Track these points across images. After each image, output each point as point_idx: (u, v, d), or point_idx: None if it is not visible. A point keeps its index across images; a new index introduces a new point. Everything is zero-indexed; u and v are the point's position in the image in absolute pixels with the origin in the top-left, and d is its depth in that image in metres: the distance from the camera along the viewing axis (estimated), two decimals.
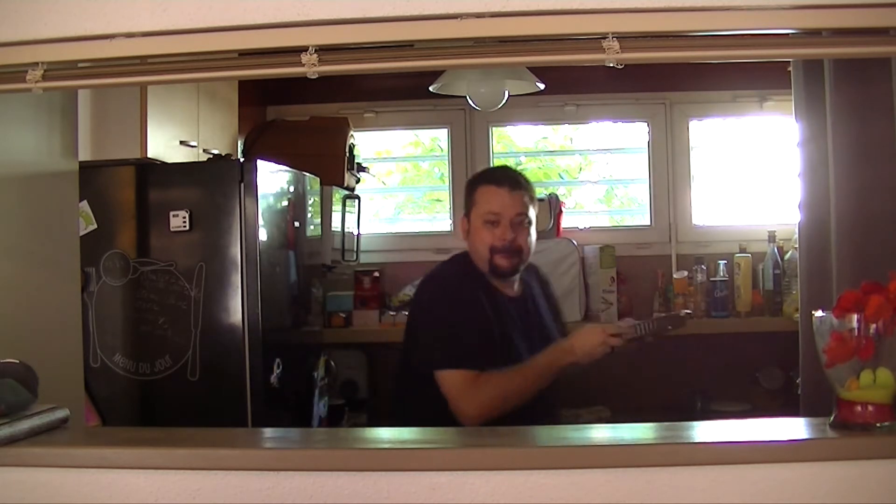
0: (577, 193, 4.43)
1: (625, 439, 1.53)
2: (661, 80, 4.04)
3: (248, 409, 2.85)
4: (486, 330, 2.47)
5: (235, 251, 2.87)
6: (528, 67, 3.40)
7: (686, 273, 3.96)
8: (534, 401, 2.38)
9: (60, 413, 1.78)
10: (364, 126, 4.28)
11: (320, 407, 3.43)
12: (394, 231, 4.42)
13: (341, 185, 3.93)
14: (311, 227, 3.49)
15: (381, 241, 4.32)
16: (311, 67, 1.65)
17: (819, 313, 1.59)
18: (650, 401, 3.74)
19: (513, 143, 4.48)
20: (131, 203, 2.94)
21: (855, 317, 1.53)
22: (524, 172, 2.92)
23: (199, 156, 3.26)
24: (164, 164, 2.99)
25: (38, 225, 2.22)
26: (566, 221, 4.08)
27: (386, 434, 1.90)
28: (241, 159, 3.66)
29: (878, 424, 1.53)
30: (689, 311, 2.26)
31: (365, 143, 4.31)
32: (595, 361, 2.44)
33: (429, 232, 4.38)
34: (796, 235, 3.41)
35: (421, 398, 2.46)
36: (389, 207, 4.54)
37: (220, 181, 2.92)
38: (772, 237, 3.89)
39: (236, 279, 2.87)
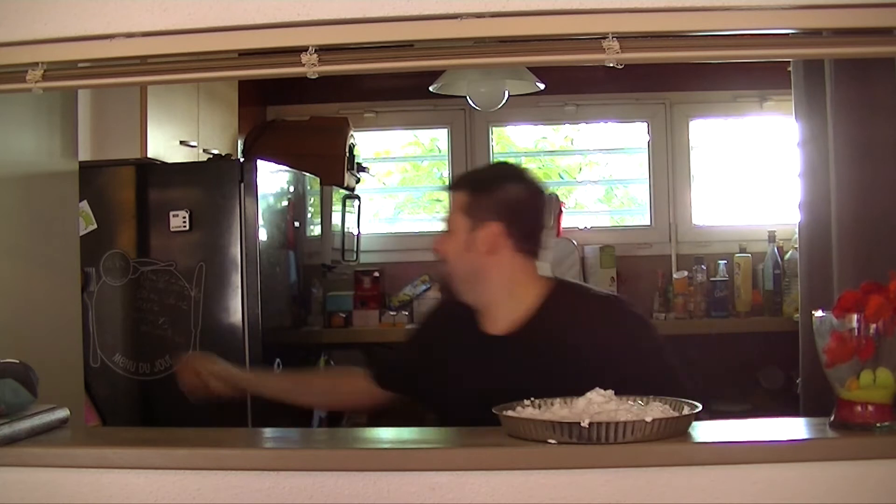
0: (577, 193, 4.43)
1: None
2: (661, 80, 4.04)
3: (248, 409, 2.85)
4: (417, 359, 2.13)
5: (235, 251, 2.87)
6: (528, 67, 3.40)
7: (686, 273, 3.96)
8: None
9: (60, 413, 1.78)
10: (364, 126, 4.28)
11: None
12: (394, 231, 4.42)
13: (341, 185, 3.93)
14: (311, 227, 3.49)
15: (381, 241, 4.32)
16: (311, 67, 1.65)
17: (819, 313, 1.59)
18: None
19: (513, 143, 4.48)
20: (131, 203, 2.94)
21: (855, 317, 1.53)
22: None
23: (199, 156, 3.26)
24: (164, 164, 2.99)
25: (38, 225, 2.22)
26: (566, 221, 4.08)
27: (386, 434, 1.91)
28: (241, 159, 3.66)
29: (878, 424, 1.53)
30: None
31: (365, 143, 4.31)
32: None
33: (429, 232, 4.37)
34: (796, 235, 3.42)
35: None
36: (389, 207, 4.54)
37: (220, 181, 2.92)
38: (772, 237, 3.90)
39: (236, 279, 2.87)
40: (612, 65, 1.62)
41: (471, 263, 2.00)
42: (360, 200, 4.09)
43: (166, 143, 3.04)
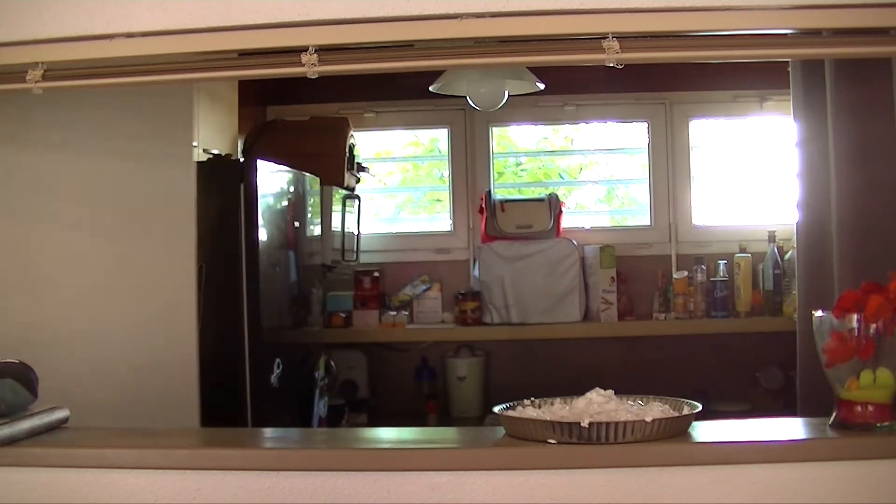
0: (577, 193, 4.43)
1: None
2: (661, 80, 4.03)
3: (248, 409, 2.85)
4: None
5: (235, 251, 2.87)
6: (528, 67, 3.40)
7: (686, 273, 3.96)
8: None
9: (60, 413, 1.78)
10: (364, 126, 4.28)
11: (320, 407, 3.43)
12: (394, 231, 4.42)
13: (341, 185, 3.93)
14: (311, 227, 3.48)
15: (381, 241, 4.32)
16: (311, 67, 1.66)
17: (819, 313, 1.60)
18: None
19: (513, 143, 4.48)
20: None
21: (855, 317, 1.53)
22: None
23: (198, 156, 3.25)
24: None
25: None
26: (566, 221, 4.08)
27: (386, 434, 1.91)
28: (241, 159, 3.66)
29: (878, 424, 1.54)
30: None
31: (365, 143, 4.31)
32: None
33: (429, 232, 4.38)
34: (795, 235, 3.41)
35: None
36: (389, 207, 4.54)
37: (220, 181, 2.92)
38: (772, 237, 3.89)
39: (236, 279, 2.86)
40: (612, 65, 1.62)
41: None
42: (360, 200, 4.09)
43: None
